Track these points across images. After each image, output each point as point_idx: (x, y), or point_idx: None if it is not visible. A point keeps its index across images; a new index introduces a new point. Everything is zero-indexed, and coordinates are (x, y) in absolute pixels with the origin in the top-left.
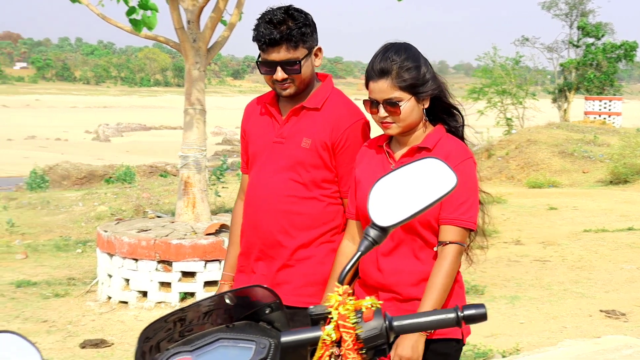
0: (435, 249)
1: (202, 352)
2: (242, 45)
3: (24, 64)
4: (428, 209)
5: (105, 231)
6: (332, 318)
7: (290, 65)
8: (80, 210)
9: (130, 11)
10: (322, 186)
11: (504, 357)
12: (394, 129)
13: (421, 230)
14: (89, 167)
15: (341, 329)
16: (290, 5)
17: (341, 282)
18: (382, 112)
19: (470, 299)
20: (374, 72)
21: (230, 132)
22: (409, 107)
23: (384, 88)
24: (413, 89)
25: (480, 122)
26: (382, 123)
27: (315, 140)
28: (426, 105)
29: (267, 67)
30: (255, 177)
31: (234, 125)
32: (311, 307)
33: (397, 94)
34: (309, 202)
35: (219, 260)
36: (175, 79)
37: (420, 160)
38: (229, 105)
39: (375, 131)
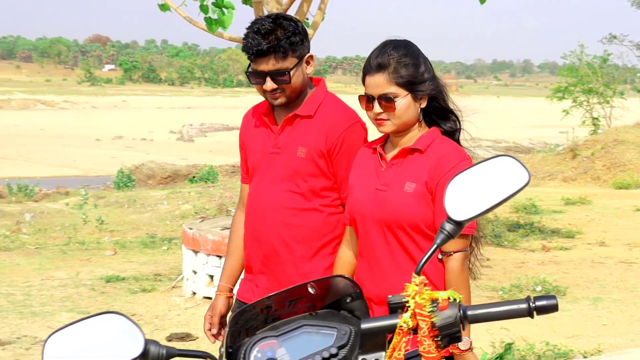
0: (439, 257)
1: (287, 337)
2: (323, 45)
3: (112, 66)
4: (502, 204)
5: (191, 229)
6: (409, 307)
7: (279, 76)
8: (165, 208)
9: (204, 9)
10: (322, 195)
11: (585, 357)
12: (388, 126)
13: (409, 233)
14: (173, 167)
15: (418, 317)
16: (279, 14)
17: (418, 273)
18: (377, 107)
19: None
20: (370, 67)
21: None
22: (405, 104)
23: (380, 82)
24: (410, 85)
25: (565, 121)
26: (376, 120)
27: (311, 149)
28: (423, 105)
29: (256, 77)
30: (255, 188)
31: None
32: (390, 296)
33: (393, 89)
34: (308, 213)
35: None
36: None
37: (494, 158)
38: None
39: (373, 134)
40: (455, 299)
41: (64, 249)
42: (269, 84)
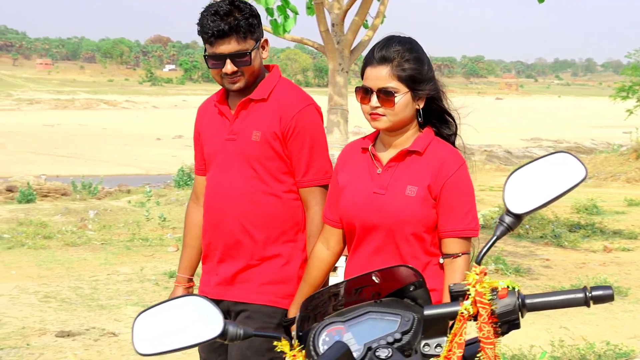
0: (441, 260)
1: (353, 322)
2: None
3: (173, 66)
4: (559, 198)
5: None
6: (470, 295)
7: (240, 57)
8: None
9: (270, 12)
10: (280, 179)
11: None
12: (383, 122)
13: (408, 238)
14: None
15: (478, 305)
16: None
17: (478, 262)
18: (375, 101)
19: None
20: (374, 58)
21: (370, 131)
22: (404, 101)
23: (381, 75)
24: (412, 82)
25: (629, 121)
26: (371, 114)
27: (265, 132)
28: (421, 106)
29: (216, 60)
30: (212, 177)
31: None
32: (451, 284)
33: (395, 84)
34: (268, 199)
35: None
36: (315, 79)
37: (552, 154)
38: None
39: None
40: (514, 288)
41: (128, 245)
42: (229, 67)
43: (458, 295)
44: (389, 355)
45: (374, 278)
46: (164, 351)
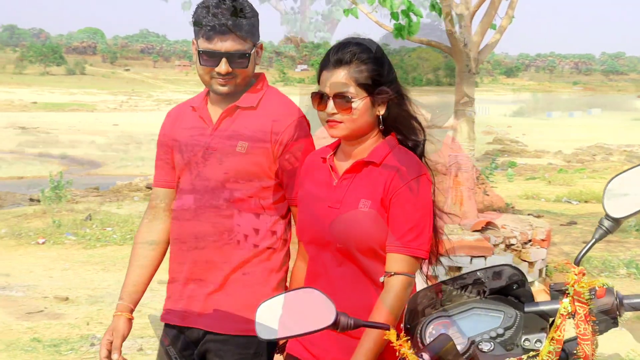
0: (381, 280)
1: (458, 317)
2: (516, 43)
3: (305, 67)
4: None
5: None
6: (569, 294)
7: (238, 58)
8: None
9: (395, 16)
10: (260, 196)
11: None
12: (341, 130)
13: (359, 256)
14: None
15: (576, 303)
16: None
17: (577, 263)
18: (331, 107)
19: None
20: (329, 61)
21: (502, 131)
22: (363, 107)
23: (337, 79)
24: (370, 86)
25: None
26: (328, 122)
27: (252, 144)
28: (381, 112)
29: (210, 57)
30: (186, 190)
31: (506, 124)
32: (552, 283)
33: (352, 88)
34: (243, 217)
35: (484, 257)
36: (447, 78)
37: None
38: (501, 104)
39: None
40: (612, 288)
41: None
42: (224, 67)
43: (558, 294)
44: (492, 348)
45: (480, 276)
46: (281, 337)
